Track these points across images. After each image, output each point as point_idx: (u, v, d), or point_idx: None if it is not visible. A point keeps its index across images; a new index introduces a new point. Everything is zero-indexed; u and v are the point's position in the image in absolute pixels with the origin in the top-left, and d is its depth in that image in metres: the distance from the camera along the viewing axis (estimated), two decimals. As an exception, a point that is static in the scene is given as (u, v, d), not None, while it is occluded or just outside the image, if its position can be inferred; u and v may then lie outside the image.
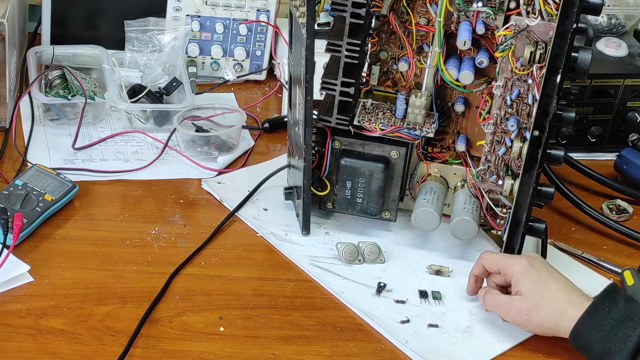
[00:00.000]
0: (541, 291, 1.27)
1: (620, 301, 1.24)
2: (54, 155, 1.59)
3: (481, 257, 1.35)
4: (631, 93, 1.69)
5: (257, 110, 1.78)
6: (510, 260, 1.32)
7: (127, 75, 1.72)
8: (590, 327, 1.23)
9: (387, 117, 1.44)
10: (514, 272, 1.30)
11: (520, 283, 1.29)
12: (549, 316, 1.26)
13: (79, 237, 1.43)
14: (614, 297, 1.25)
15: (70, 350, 1.23)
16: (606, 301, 1.24)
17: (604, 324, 1.22)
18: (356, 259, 1.43)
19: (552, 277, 1.29)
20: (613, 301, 1.24)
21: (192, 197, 1.54)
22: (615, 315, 1.22)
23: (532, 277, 1.29)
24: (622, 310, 1.23)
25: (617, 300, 1.25)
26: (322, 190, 1.46)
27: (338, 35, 1.36)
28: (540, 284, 1.28)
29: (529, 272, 1.29)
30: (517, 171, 1.39)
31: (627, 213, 1.60)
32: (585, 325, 1.23)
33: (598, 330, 1.22)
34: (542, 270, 1.30)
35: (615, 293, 1.26)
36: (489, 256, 1.35)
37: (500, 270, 1.32)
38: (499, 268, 1.32)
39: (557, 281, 1.29)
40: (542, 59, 1.31)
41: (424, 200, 1.44)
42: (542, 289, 1.28)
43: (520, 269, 1.30)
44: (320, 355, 1.27)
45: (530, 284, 1.28)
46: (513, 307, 1.29)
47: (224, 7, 1.80)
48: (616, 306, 1.23)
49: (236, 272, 1.39)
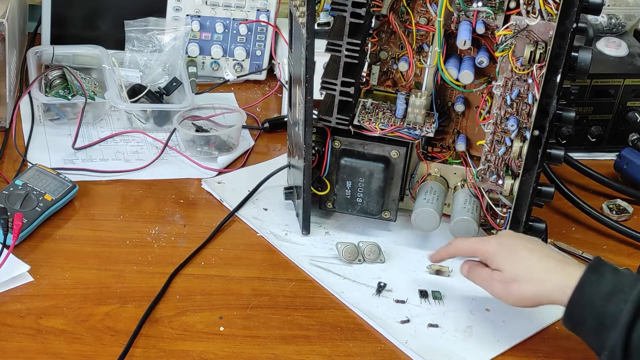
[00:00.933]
0: (515, 264, 1.27)
1: (608, 273, 1.21)
2: (54, 155, 1.59)
3: (453, 245, 1.35)
4: (631, 93, 1.69)
5: (257, 110, 1.78)
6: (481, 243, 1.32)
7: (127, 75, 1.72)
8: (582, 305, 1.20)
9: (387, 116, 1.44)
10: (486, 252, 1.30)
11: (495, 261, 1.28)
12: (528, 288, 1.25)
13: (79, 237, 1.43)
14: (600, 270, 1.22)
15: (70, 350, 1.23)
16: (593, 276, 1.21)
17: (594, 300, 1.19)
18: (356, 259, 1.43)
19: (526, 248, 1.28)
20: (600, 275, 1.21)
21: (192, 197, 1.54)
22: (604, 289, 1.19)
23: (504, 253, 1.28)
24: (611, 283, 1.20)
25: (603, 273, 1.21)
26: (322, 190, 1.46)
27: (338, 35, 1.36)
28: (514, 257, 1.27)
29: (500, 250, 1.29)
30: (517, 171, 1.39)
31: (627, 213, 1.60)
32: (576, 303, 1.21)
33: (590, 308, 1.20)
34: (513, 244, 1.29)
35: (601, 266, 1.23)
36: (459, 242, 1.35)
37: (474, 254, 1.32)
38: (472, 253, 1.33)
39: (531, 251, 1.27)
40: (542, 58, 1.31)
41: (424, 200, 1.44)
42: (516, 262, 1.27)
43: (491, 249, 1.29)
44: (320, 355, 1.27)
45: (504, 260, 1.28)
46: (494, 281, 1.28)
47: (224, 7, 1.80)
48: (603, 279, 1.20)
49: (236, 272, 1.39)
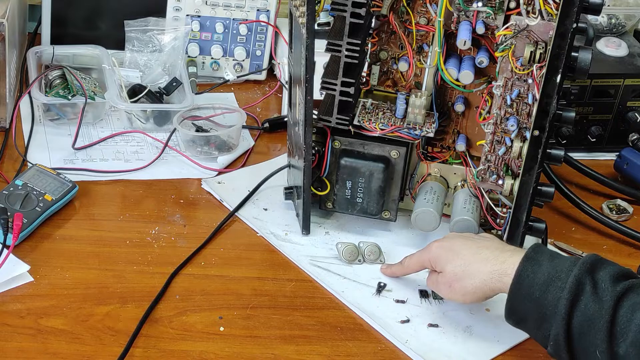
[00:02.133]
0: (454, 262, 1.28)
1: (544, 261, 1.21)
2: (54, 155, 1.59)
3: (403, 263, 1.38)
4: (631, 93, 1.69)
5: (257, 110, 1.78)
6: (423, 253, 1.34)
7: (127, 75, 1.72)
8: (521, 298, 1.20)
9: (387, 117, 1.44)
10: (430, 260, 1.32)
11: (438, 265, 1.30)
12: (468, 282, 1.26)
13: (79, 237, 1.43)
14: (536, 258, 1.21)
15: (70, 350, 1.23)
16: (529, 266, 1.21)
17: (532, 291, 1.19)
18: (356, 259, 1.43)
19: (461, 245, 1.29)
20: (536, 264, 1.21)
21: (192, 197, 1.54)
22: (540, 280, 1.19)
23: (443, 255, 1.30)
24: (547, 272, 1.19)
25: (540, 261, 1.21)
26: (322, 190, 1.46)
27: (338, 35, 1.36)
28: (451, 256, 1.29)
29: (439, 252, 1.30)
30: (517, 171, 1.39)
31: (627, 213, 1.60)
32: (515, 297, 1.21)
33: (528, 300, 1.19)
34: (451, 244, 1.31)
35: (538, 254, 1.22)
36: (409, 261, 1.37)
37: (423, 265, 1.34)
38: (421, 265, 1.34)
39: (465, 247, 1.29)
40: (542, 58, 1.31)
41: (424, 200, 1.44)
42: (454, 260, 1.28)
43: (432, 254, 1.31)
44: (320, 355, 1.27)
45: (443, 261, 1.29)
46: (439, 284, 1.30)
47: (224, 7, 1.80)
48: (540, 268, 1.20)
49: (236, 272, 1.39)
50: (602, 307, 1.15)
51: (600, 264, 1.20)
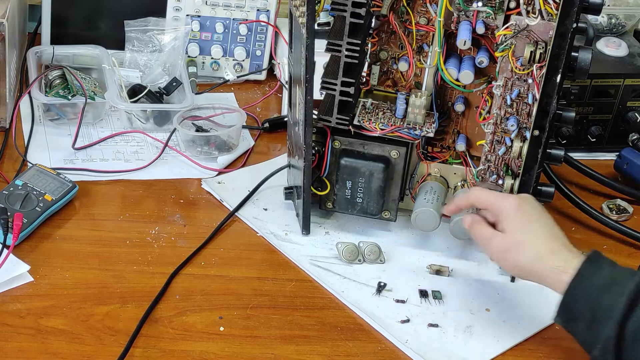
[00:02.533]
0: (523, 233, 1.26)
1: (605, 266, 1.21)
2: (54, 155, 1.59)
3: (471, 192, 1.34)
4: (631, 93, 1.69)
5: (257, 110, 1.78)
6: (501, 198, 1.30)
7: (127, 75, 1.72)
8: (577, 297, 1.19)
9: (387, 116, 1.44)
10: (502, 209, 1.28)
11: (505, 222, 1.27)
12: (525, 259, 1.24)
13: (79, 237, 1.43)
14: (598, 262, 1.21)
15: (70, 350, 1.23)
16: (590, 268, 1.20)
17: (590, 292, 1.19)
18: (356, 259, 1.43)
19: (539, 221, 1.27)
20: (598, 267, 1.21)
21: (192, 197, 1.54)
22: (599, 282, 1.19)
23: (518, 217, 1.27)
24: (608, 275, 1.19)
25: (601, 265, 1.21)
26: (322, 190, 1.46)
27: (338, 35, 1.36)
28: (525, 225, 1.27)
29: (517, 212, 1.27)
30: (517, 171, 1.39)
31: (627, 213, 1.60)
32: (571, 295, 1.20)
33: (584, 299, 1.19)
34: (530, 212, 1.28)
35: (599, 258, 1.22)
36: (480, 192, 1.33)
37: (489, 207, 1.31)
38: (489, 205, 1.31)
39: (542, 226, 1.27)
40: (542, 58, 1.31)
41: (424, 200, 1.44)
42: (525, 231, 1.26)
43: (509, 207, 1.28)
44: (320, 355, 1.27)
45: (515, 224, 1.27)
46: (493, 243, 1.28)
47: (224, 7, 1.80)
48: (600, 271, 1.20)
49: (236, 272, 1.39)
50: None
51: None
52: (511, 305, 1.37)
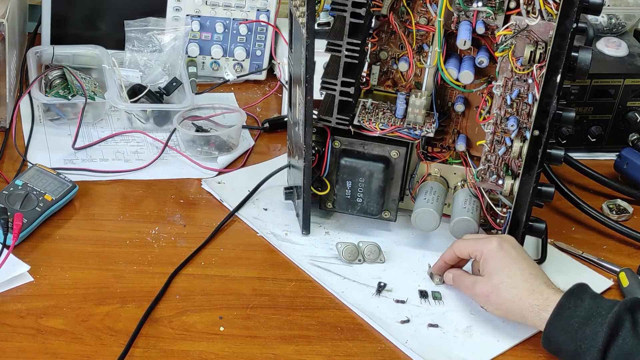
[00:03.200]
0: (503, 274, 1.29)
1: (586, 298, 1.24)
2: (54, 155, 1.59)
3: (453, 245, 1.37)
4: (631, 93, 1.69)
5: (257, 110, 1.78)
6: (481, 242, 1.34)
7: (127, 75, 1.72)
8: (559, 329, 1.23)
9: (387, 116, 1.44)
10: (483, 253, 1.31)
11: (486, 264, 1.31)
12: (506, 300, 1.27)
13: (79, 237, 1.43)
14: (579, 295, 1.24)
15: (70, 350, 1.23)
16: (571, 300, 1.24)
17: (571, 323, 1.22)
18: (356, 259, 1.43)
19: (518, 262, 1.30)
20: (578, 299, 1.24)
21: (192, 197, 1.54)
22: (581, 313, 1.22)
23: (497, 259, 1.30)
24: (588, 307, 1.22)
25: (582, 297, 1.24)
26: (322, 190, 1.46)
27: (338, 35, 1.36)
28: (504, 267, 1.29)
29: (497, 253, 1.31)
30: (517, 171, 1.39)
31: (627, 213, 1.60)
32: (553, 327, 1.23)
33: (566, 331, 1.22)
34: (509, 252, 1.31)
35: (581, 291, 1.25)
36: (461, 243, 1.37)
37: (471, 254, 1.34)
38: (470, 253, 1.34)
39: (521, 267, 1.29)
40: (542, 58, 1.31)
41: (424, 200, 1.44)
42: (504, 272, 1.29)
43: (489, 249, 1.31)
44: (320, 355, 1.27)
45: (494, 265, 1.30)
46: (477, 289, 1.31)
47: (224, 7, 1.80)
48: (582, 303, 1.23)
49: (236, 272, 1.39)
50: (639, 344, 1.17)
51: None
52: (511, 305, 1.37)
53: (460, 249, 1.36)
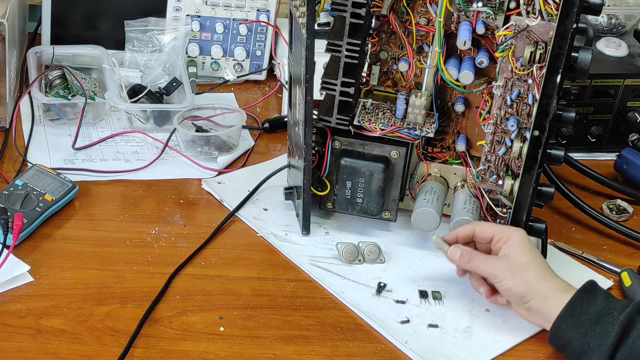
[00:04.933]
0: (530, 258, 1.30)
1: (599, 296, 1.24)
2: (54, 155, 1.59)
3: (475, 224, 1.37)
4: (631, 93, 1.69)
5: (257, 110, 1.78)
6: (506, 227, 1.35)
7: (127, 75, 1.72)
8: (569, 324, 1.23)
9: (387, 117, 1.44)
10: (510, 237, 1.32)
11: (512, 246, 1.31)
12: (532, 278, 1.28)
13: (79, 237, 1.43)
14: (592, 292, 1.25)
15: (70, 350, 1.23)
16: (584, 297, 1.24)
17: (582, 320, 1.22)
18: (356, 259, 1.43)
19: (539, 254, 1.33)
20: (592, 297, 1.24)
21: (192, 197, 1.54)
22: (593, 311, 1.22)
23: (525, 244, 1.31)
24: (601, 306, 1.22)
25: (595, 295, 1.24)
26: (322, 190, 1.46)
27: (338, 35, 1.36)
28: (531, 252, 1.31)
29: (525, 240, 1.32)
30: (517, 171, 1.39)
31: (627, 213, 1.60)
32: (564, 322, 1.23)
33: (577, 327, 1.22)
34: (532, 244, 1.33)
35: (594, 289, 1.26)
36: (483, 224, 1.37)
37: (496, 235, 1.33)
38: (494, 233, 1.34)
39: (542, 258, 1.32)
40: (542, 59, 1.31)
41: (424, 200, 1.44)
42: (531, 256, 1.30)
43: (518, 235, 1.32)
44: (320, 355, 1.27)
45: (522, 248, 1.31)
46: (499, 263, 1.31)
47: (224, 7, 1.80)
48: (594, 301, 1.23)
49: (236, 272, 1.39)
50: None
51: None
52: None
53: (483, 228, 1.35)
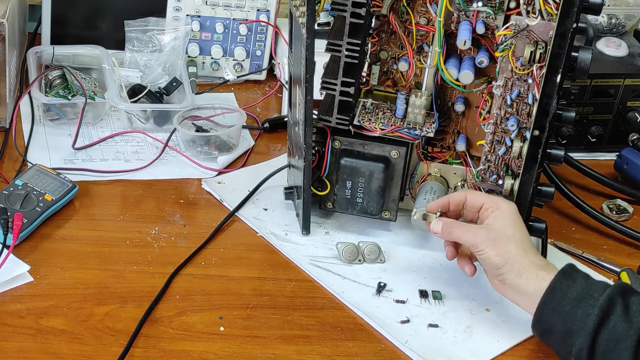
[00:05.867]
0: (515, 230, 1.29)
1: (579, 278, 1.23)
2: (54, 155, 1.59)
3: (467, 191, 1.37)
4: (631, 93, 1.69)
5: (257, 110, 1.78)
6: (499, 198, 1.35)
7: (127, 75, 1.72)
8: (551, 309, 1.22)
9: (387, 116, 1.44)
10: (500, 206, 1.31)
11: (500, 216, 1.30)
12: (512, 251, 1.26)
13: (79, 237, 1.43)
14: (572, 275, 1.24)
15: (70, 350, 1.23)
16: (564, 280, 1.23)
17: (563, 304, 1.21)
18: (356, 259, 1.43)
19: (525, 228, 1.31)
20: (571, 279, 1.23)
21: (192, 197, 1.54)
22: (573, 295, 1.21)
23: (513, 216, 1.31)
24: (581, 288, 1.22)
25: (575, 277, 1.23)
26: (322, 190, 1.46)
27: (338, 35, 1.36)
28: (517, 225, 1.30)
29: (514, 212, 1.31)
30: (517, 171, 1.39)
31: (627, 213, 1.60)
32: (546, 307, 1.22)
33: (558, 312, 1.21)
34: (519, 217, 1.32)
35: (573, 271, 1.25)
36: (475, 192, 1.37)
37: (485, 203, 1.33)
38: (485, 202, 1.33)
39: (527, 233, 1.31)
40: (542, 58, 1.31)
41: (424, 200, 1.44)
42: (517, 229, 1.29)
43: (507, 206, 1.31)
44: (320, 355, 1.27)
45: (509, 219, 1.30)
46: (481, 232, 1.29)
47: (224, 7, 1.80)
48: (574, 284, 1.22)
49: (236, 272, 1.39)
50: (630, 328, 1.17)
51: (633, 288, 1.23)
52: (511, 305, 1.37)
53: (474, 196, 1.35)
